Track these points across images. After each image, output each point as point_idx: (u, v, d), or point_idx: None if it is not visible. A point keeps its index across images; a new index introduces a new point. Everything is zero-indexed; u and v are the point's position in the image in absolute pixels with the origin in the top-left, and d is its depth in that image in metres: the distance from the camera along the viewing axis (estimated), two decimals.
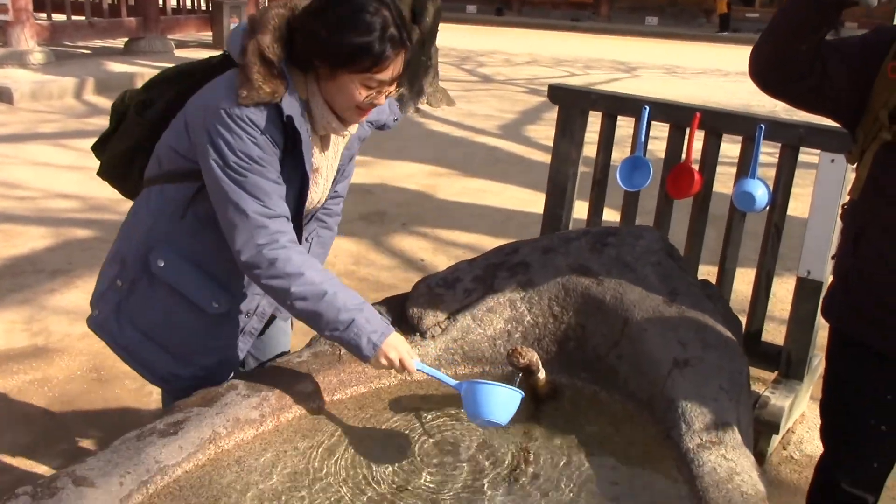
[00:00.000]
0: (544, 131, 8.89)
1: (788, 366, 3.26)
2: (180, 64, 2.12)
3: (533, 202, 6.06)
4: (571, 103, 3.53)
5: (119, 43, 12.78)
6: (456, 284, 2.31)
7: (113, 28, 12.05)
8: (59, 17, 11.53)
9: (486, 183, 7.05)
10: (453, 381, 1.94)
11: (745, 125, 3.15)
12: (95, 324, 2.11)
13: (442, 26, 10.10)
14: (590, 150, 3.54)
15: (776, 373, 3.33)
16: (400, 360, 1.91)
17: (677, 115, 3.29)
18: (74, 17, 11.47)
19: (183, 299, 2.03)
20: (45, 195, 6.01)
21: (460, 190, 6.82)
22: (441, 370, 2.06)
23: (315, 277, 1.89)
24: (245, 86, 1.81)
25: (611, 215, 3.71)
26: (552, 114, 3.61)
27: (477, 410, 1.87)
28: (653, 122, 3.35)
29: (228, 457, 1.82)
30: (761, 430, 3.11)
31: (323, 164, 2.07)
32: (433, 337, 2.21)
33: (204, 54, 13.06)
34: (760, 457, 3.16)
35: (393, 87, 1.90)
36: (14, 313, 4.14)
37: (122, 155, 2.12)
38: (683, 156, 3.30)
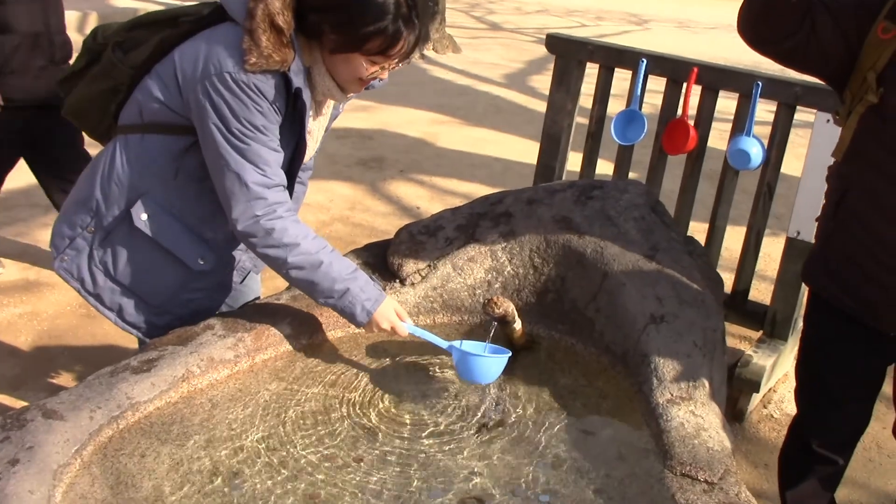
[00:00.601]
0: (549, 81, 8.79)
1: (773, 325, 3.26)
2: (166, 9, 2.05)
3: (533, 153, 5.99)
4: (569, 53, 3.49)
5: None
6: (438, 232, 2.30)
7: None
8: None
9: (488, 132, 7.00)
10: (445, 343, 1.96)
11: (743, 82, 3.11)
12: (63, 269, 2.05)
13: None
14: (588, 101, 3.51)
15: (761, 332, 3.34)
16: (392, 327, 1.95)
17: (675, 70, 3.25)
18: None
19: (165, 253, 2.01)
20: None
21: (461, 138, 6.77)
22: (420, 318, 2.07)
23: (311, 247, 1.89)
24: (253, 52, 1.76)
25: (606, 167, 3.69)
26: None
27: (468, 376, 1.93)
28: (651, 76, 3.31)
29: (201, 395, 1.84)
30: (742, 388, 3.13)
31: (316, 127, 2.06)
32: (413, 284, 2.21)
33: None
34: (740, 414, 3.18)
35: (399, 62, 1.88)
36: (7, 245, 4.15)
37: (95, 96, 2.05)
38: (679, 111, 3.27)
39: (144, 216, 1.97)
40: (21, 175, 5.05)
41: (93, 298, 2.06)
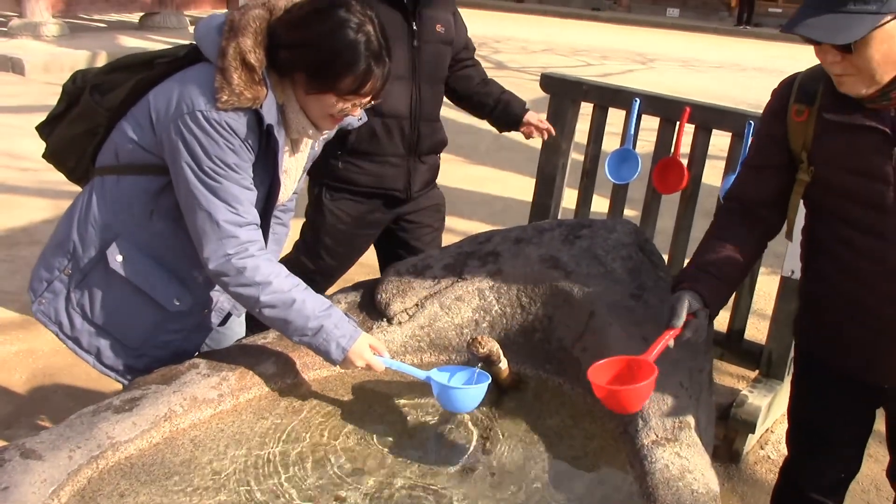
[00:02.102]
0: None
1: (769, 365, 3.24)
2: (144, 52, 2.08)
3: (532, 191, 6.04)
4: (563, 93, 3.51)
5: (134, 17, 12.81)
6: (426, 271, 2.30)
7: (128, 2, 12.07)
8: None
9: (490, 170, 7.03)
10: (423, 375, 1.96)
11: (735, 121, 3.13)
12: (41, 312, 2.05)
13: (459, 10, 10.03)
14: (583, 138, 3.52)
15: (757, 371, 3.32)
16: (367, 364, 1.94)
17: (668, 109, 3.27)
18: None
19: (142, 295, 2.01)
20: (48, 168, 6.01)
21: (463, 177, 6.79)
22: (407, 357, 2.06)
23: (283, 285, 1.89)
24: (225, 90, 1.78)
25: (602, 204, 3.69)
26: None
27: (449, 406, 1.93)
28: (645, 116, 3.33)
29: (183, 436, 1.83)
30: (738, 428, 3.10)
31: (292, 166, 2.07)
32: (400, 323, 2.21)
33: None
34: (736, 455, 3.15)
35: (371, 99, 1.90)
36: (6, 283, 4.17)
37: (74, 139, 2.07)
38: (672, 150, 3.28)
39: (119, 257, 1.97)
40: (24, 212, 5.10)
41: (71, 342, 2.06)
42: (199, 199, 1.84)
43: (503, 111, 3.15)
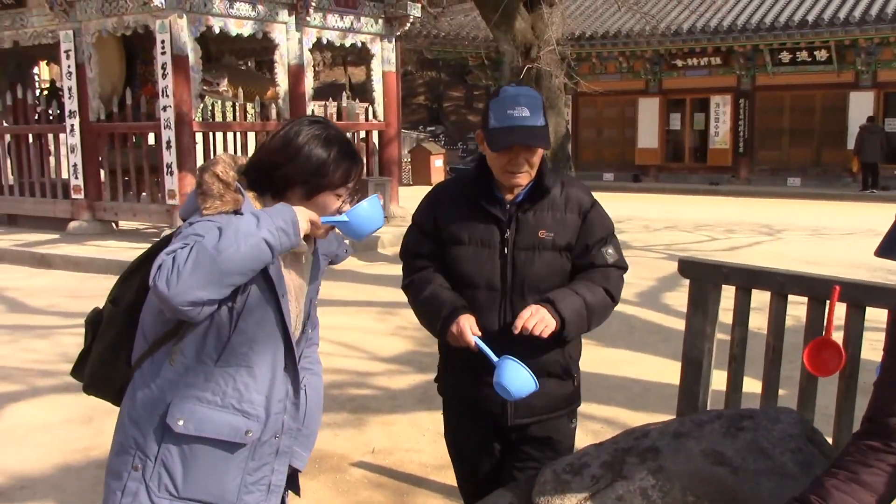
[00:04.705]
0: (682, 298, 8.71)
1: None
2: (141, 253, 2.23)
3: (672, 373, 5.85)
4: (704, 277, 3.48)
5: None
6: (583, 470, 2.25)
7: None
8: None
9: (623, 353, 6.93)
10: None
11: (890, 297, 3.01)
12: None
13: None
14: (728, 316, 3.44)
15: None
16: (311, 222, 2.07)
17: (815, 288, 3.18)
18: None
19: (215, 443, 2.06)
20: None
21: (596, 360, 6.71)
22: None
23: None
24: (207, 199, 1.99)
25: (752, 385, 3.56)
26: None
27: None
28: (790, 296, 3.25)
29: None
30: None
31: (290, 283, 2.17)
32: None
33: None
34: None
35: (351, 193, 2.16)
36: None
37: (105, 352, 2.18)
38: (824, 331, 3.17)
39: (180, 420, 2.04)
40: None
41: None
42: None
43: None
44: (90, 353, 2.23)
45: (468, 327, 2.49)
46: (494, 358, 2.38)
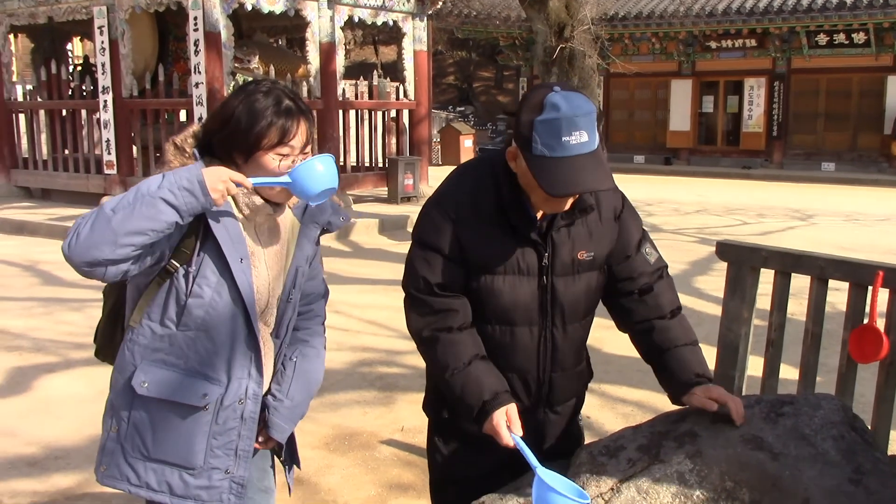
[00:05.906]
0: (715, 283, 8.64)
1: None
2: None
3: (708, 357, 5.85)
4: (741, 261, 3.44)
5: None
6: (619, 453, 2.23)
7: None
8: None
9: None
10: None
11: None
12: (107, 477, 2.18)
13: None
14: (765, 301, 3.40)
15: None
16: (228, 184, 2.04)
17: (857, 274, 3.13)
18: None
19: (176, 406, 2.11)
20: None
21: (628, 344, 6.63)
22: None
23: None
24: (161, 165, 2.11)
25: (789, 372, 3.52)
26: (723, 264, 3.52)
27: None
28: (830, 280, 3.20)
29: None
30: None
31: (258, 249, 2.17)
32: None
33: (380, 208, 13.56)
34: None
35: (303, 154, 2.11)
36: None
37: (106, 319, 2.32)
38: (866, 318, 3.11)
39: (145, 383, 2.11)
40: None
41: (143, 490, 2.15)
42: None
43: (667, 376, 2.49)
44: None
45: (506, 423, 2.13)
46: (535, 463, 1.99)
